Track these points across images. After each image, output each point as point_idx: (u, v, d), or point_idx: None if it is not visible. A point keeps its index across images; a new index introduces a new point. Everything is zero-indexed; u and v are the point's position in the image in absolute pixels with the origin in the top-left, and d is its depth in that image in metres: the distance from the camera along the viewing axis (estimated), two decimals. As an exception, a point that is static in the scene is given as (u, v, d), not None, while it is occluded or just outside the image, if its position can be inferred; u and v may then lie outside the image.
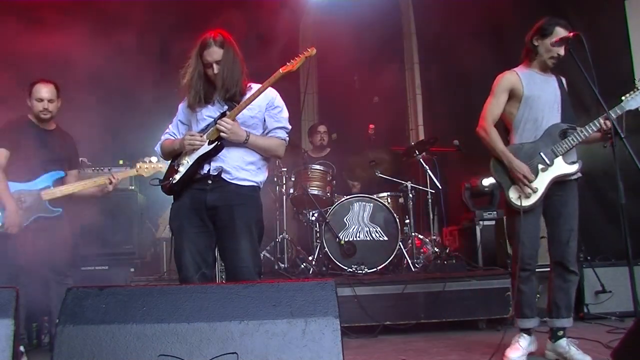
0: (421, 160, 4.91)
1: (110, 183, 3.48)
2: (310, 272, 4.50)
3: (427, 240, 4.89)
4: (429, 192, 4.95)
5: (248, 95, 2.69)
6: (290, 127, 2.84)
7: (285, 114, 2.81)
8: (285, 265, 4.75)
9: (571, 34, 2.93)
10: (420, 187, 5.03)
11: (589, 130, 2.92)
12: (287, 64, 2.64)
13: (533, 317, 3.06)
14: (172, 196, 2.80)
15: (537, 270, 3.49)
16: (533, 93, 3.02)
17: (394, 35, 6.73)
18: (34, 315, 3.95)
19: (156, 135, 3.04)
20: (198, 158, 2.66)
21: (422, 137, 6.39)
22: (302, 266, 4.64)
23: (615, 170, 2.76)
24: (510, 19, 5.10)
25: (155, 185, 2.82)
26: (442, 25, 5.85)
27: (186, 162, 2.70)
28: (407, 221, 4.87)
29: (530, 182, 2.94)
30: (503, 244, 4.28)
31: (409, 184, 4.93)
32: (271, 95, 2.75)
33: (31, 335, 4.07)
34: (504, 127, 3.17)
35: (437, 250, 4.79)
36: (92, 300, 1.84)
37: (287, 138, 2.84)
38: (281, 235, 4.89)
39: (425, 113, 6.56)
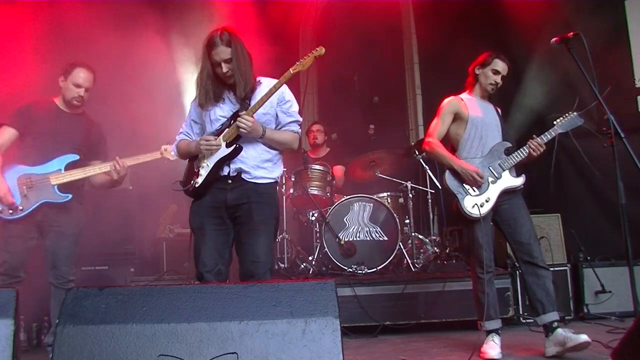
0: (421, 160, 4.91)
1: (115, 169, 3.20)
2: (310, 272, 4.50)
3: (427, 240, 4.89)
4: (429, 192, 4.95)
5: (258, 90, 2.77)
6: (301, 119, 2.91)
7: (296, 106, 2.88)
8: (285, 265, 4.75)
9: (571, 33, 2.94)
10: (420, 187, 5.03)
11: (527, 151, 3.22)
12: (297, 63, 2.68)
13: (497, 317, 3.26)
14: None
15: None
16: (477, 114, 3.32)
17: (394, 35, 6.73)
18: (34, 315, 3.94)
19: (168, 132, 3.05)
20: (218, 161, 2.73)
21: (422, 137, 6.38)
22: (302, 266, 4.64)
23: (615, 170, 2.77)
24: (510, 19, 5.10)
25: (178, 190, 2.86)
26: (442, 25, 5.84)
27: (206, 165, 2.77)
28: (407, 221, 4.86)
29: (481, 177, 3.16)
30: (503, 244, 4.27)
31: (409, 184, 4.93)
32: (280, 89, 2.77)
33: (31, 336, 4.07)
34: (451, 148, 3.41)
35: (437, 250, 4.79)
36: (92, 300, 1.84)
37: (300, 130, 2.91)
38: (281, 235, 4.88)
39: (425, 113, 6.55)
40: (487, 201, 3.19)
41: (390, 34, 6.63)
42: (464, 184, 3.21)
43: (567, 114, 3.25)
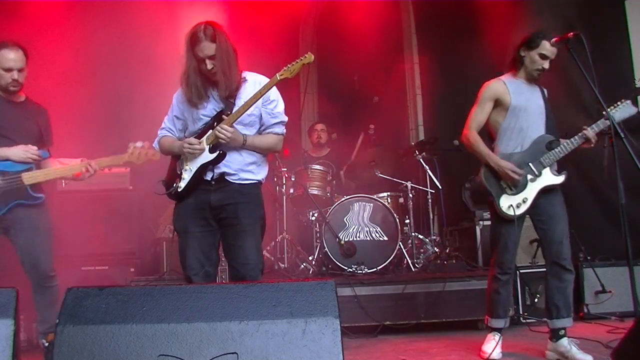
0: (421, 160, 4.91)
1: (87, 171, 3.02)
2: (310, 272, 4.50)
3: (427, 240, 4.89)
4: (429, 192, 4.95)
5: (243, 88, 2.70)
6: (287, 118, 2.83)
7: (281, 106, 2.80)
8: (285, 265, 4.75)
9: (571, 33, 2.94)
10: (420, 187, 5.03)
11: (575, 143, 3.02)
12: (284, 69, 2.60)
13: (505, 317, 3.20)
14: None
15: (536, 270, 3.93)
16: (520, 103, 3.07)
17: (394, 35, 6.73)
18: (34, 315, 3.93)
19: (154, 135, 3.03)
20: (201, 166, 2.68)
21: (422, 137, 6.39)
22: (302, 266, 4.64)
23: (615, 170, 2.77)
24: (510, 19, 5.10)
25: (161, 194, 2.80)
26: (442, 25, 5.84)
27: (189, 169, 2.71)
28: (407, 221, 4.87)
29: (519, 174, 3.00)
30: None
31: (409, 184, 4.93)
32: None
33: (31, 336, 4.06)
34: (489, 135, 3.24)
35: (437, 250, 4.79)
36: (92, 300, 1.84)
37: (285, 130, 2.84)
38: (281, 235, 4.89)
39: (425, 113, 6.56)
40: (524, 201, 3.03)
41: (390, 34, 6.63)
42: (501, 182, 3.06)
43: (619, 102, 2.98)
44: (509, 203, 3.04)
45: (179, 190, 2.72)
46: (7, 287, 2.04)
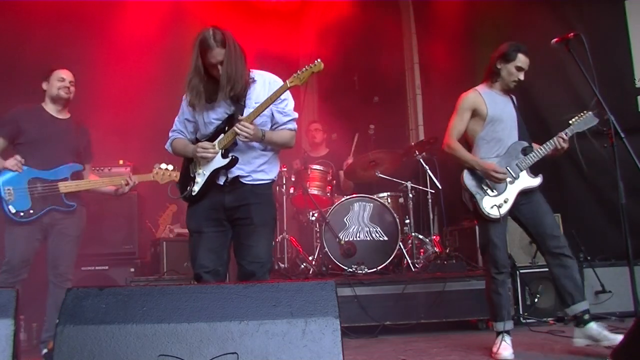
0: (421, 160, 4.91)
1: (127, 184, 3.43)
2: (310, 272, 4.50)
3: (427, 240, 4.89)
4: (429, 192, 4.95)
5: (252, 88, 2.72)
6: (297, 115, 2.86)
7: (292, 104, 2.83)
8: (285, 265, 4.75)
9: (571, 33, 2.94)
10: (420, 187, 5.03)
11: (547, 149, 3.15)
12: (294, 75, 2.63)
13: (509, 319, 3.19)
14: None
15: (536, 270, 3.98)
16: (496, 113, 3.20)
17: (394, 35, 6.73)
18: (33, 315, 3.94)
19: (158, 135, 3.03)
20: (213, 170, 2.71)
21: (422, 137, 6.39)
22: (302, 266, 4.64)
23: (615, 170, 2.77)
24: (510, 19, 5.10)
25: (176, 198, 2.87)
26: (442, 25, 5.84)
27: (202, 174, 2.74)
28: (407, 221, 4.86)
29: (503, 173, 3.11)
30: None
31: (409, 184, 4.93)
32: (275, 87, 2.72)
33: (31, 336, 4.07)
34: (465, 143, 3.33)
35: (437, 250, 4.78)
36: (92, 300, 1.84)
37: (296, 127, 2.87)
38: (281, 235, 4.89)
39: (425, 113, 6.56)
40: (505, 202, 3.12)
41: (390, 34, 6.63)
42: (482, 184, 3.15)
43: (582, 114, 3.13)
44: (491, 204, 3.13)
45: (193, 194, 2.76)
46: (7, 287, 2.05)
